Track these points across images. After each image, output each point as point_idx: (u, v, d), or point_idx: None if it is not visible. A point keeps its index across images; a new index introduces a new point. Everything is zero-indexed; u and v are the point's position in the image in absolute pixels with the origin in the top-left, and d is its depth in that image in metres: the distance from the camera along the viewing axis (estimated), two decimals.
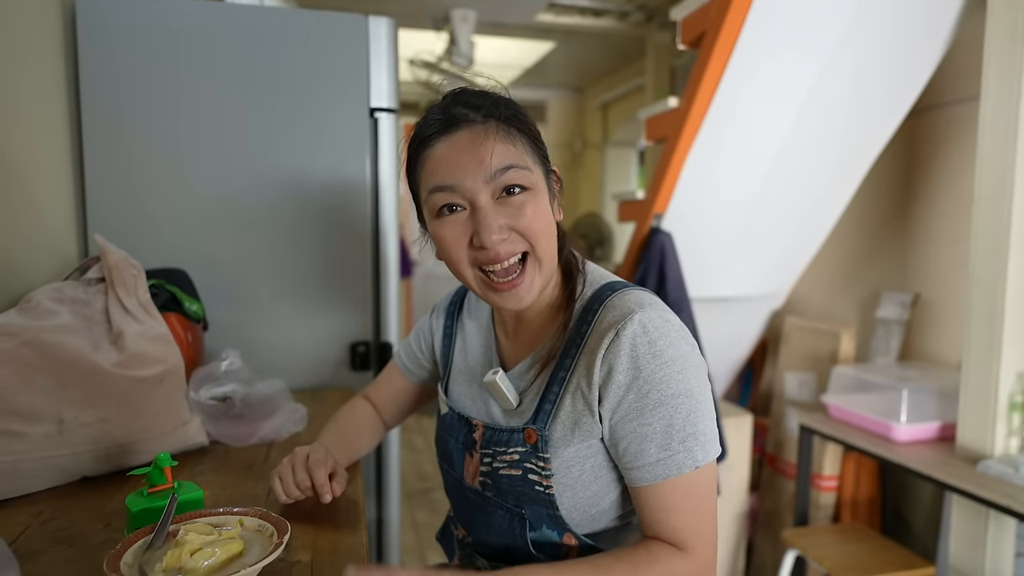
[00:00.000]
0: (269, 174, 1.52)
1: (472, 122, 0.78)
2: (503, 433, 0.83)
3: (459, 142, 0.77)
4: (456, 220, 0.78)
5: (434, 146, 0.79)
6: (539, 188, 0.79)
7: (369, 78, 1.54)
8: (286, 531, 0.71)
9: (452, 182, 0.76)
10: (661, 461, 0.73)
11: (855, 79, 1.91)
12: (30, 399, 0.93)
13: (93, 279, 1.14)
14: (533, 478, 0.80)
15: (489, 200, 0.76)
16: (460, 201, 0.77)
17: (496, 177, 0.76)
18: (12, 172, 1.17)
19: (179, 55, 1.45)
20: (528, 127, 0.81)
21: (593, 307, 0.80)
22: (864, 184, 2.26)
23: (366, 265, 1.60)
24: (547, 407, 0.80)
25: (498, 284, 0.78)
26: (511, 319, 0.89)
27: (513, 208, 0.77)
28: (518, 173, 0.77)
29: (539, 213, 0.78)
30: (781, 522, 2.38)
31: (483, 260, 0.78)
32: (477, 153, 0.76)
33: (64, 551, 0.77)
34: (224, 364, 1.19)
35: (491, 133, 0.77)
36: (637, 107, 4.35)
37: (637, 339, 0.74)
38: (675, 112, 2.02)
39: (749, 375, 2.81)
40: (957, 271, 2.01)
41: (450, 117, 0.78)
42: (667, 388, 0.73)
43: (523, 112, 0.82)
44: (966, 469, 1.61)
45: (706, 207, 2.14)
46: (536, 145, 0.82)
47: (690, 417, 0.74)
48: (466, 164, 0.76)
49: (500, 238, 0.76)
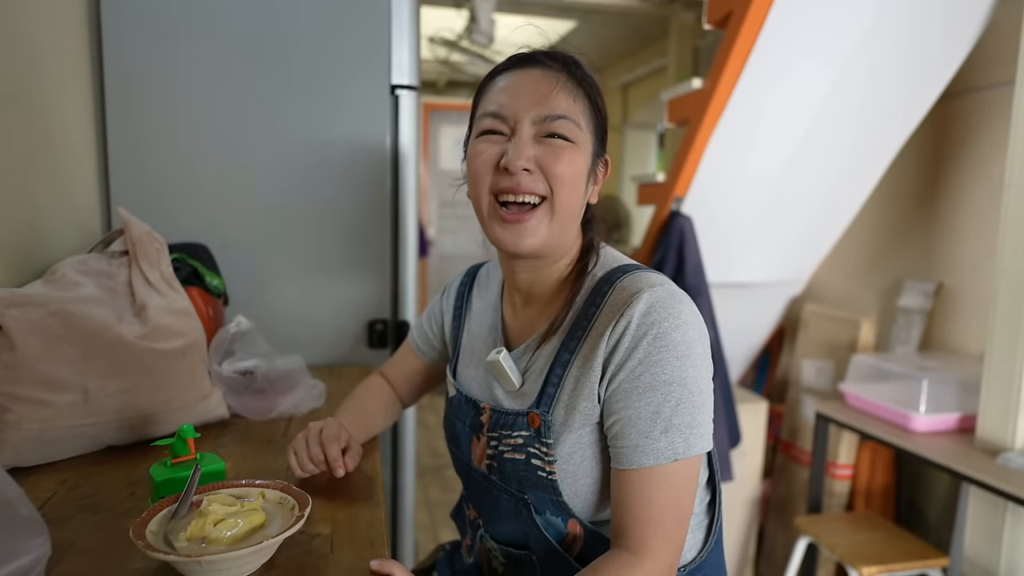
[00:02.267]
0: (290, 150, 1.52)
1: (546, 66, 0.80)
2: (508, 416, 0.82)
3: (527, 77, 0.79)
4: (493, 140, 0.79)
5: (503, 75, 0.81)
6: (582, 147, 0.79)
7: (391, 54, 1.53)
8: (307, 504, 0.72)
9: (505, 111, 0.78)
10: (639, 447, 0.71)
11: (885, 62, 1.87)
12: (56, 368, 0.94)
13: (117, 252, 1.15)
14: (536, 463, 0.79)
15: (531, 133, 0.77)
16: (505, 129, 0.78)
17: (546, 121, 0.77)
18: (38, 145, 1.17)
19: (200, 29, 1.44)
20: (596, 97, 0.82)
21: (603, 289, 0.78)
22: (890, 170, 2.22)
23: (385, 243, 1.60)
24: (551, 390, 0.78)
25: (506, 215, 0.78)
26: (522, 290, 0.87)
27: (549, 149, 0.77)
28: (567, 125, 0.77)
29: (573, 165, 0.77)
30: (794, 509, 2.38)
31: (503, 187, 0.77)
32: (539, 89, 0.77)
33: (90, 518, 0.79)
34: (233, 327, 1.20)
35: (560, 80, 0.78)
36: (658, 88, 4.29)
37: (643, 319, 0.72)
38: (699, 94, 1.99)
39: (765, 361, 2.80)
40: (983, 261, 1.98)
41: (527, 56, 0.81)
42: (661, 373, 0.71)
43: (596, 85, 0.83)
44: (985, 461, 1.60)
45: (727, 191, 2.12)
46: (597, 117, 0.82)
47: (679, 407, 0.71)
48: (524, 96, 0.77)
49: (525, 167, 0.76)
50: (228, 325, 1.21)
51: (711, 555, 0.84)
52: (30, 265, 1.13)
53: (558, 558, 0.80)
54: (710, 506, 0.86)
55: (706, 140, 1.96)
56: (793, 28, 1.77)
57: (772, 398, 2.67)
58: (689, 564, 0.82)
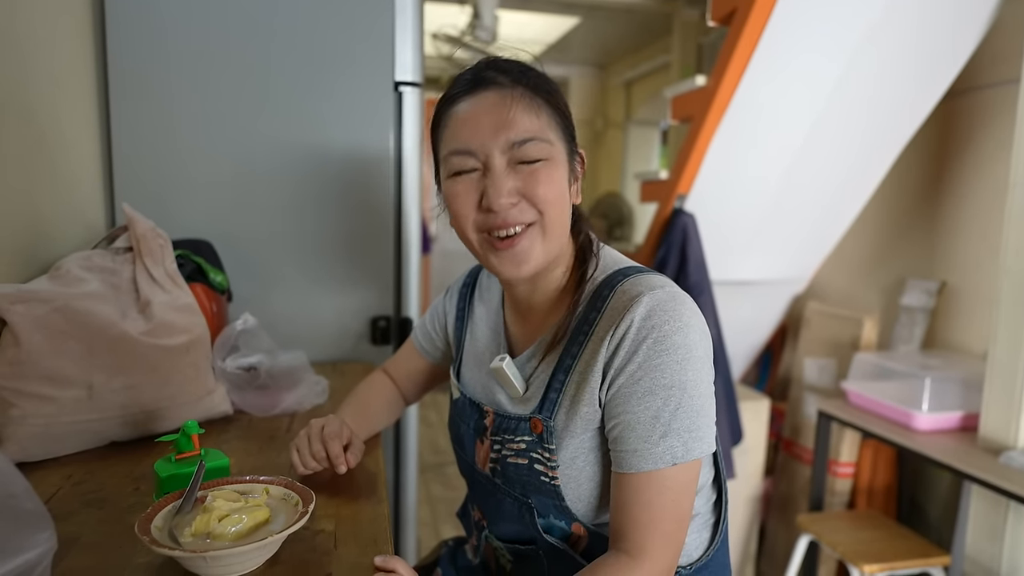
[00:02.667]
0: (293, 147, 1.52)
1: (500, 85, 0.77)
2: (511, 421, 0.82)
3: (483, 103, 0.76)
4: (468, 179, 0.77)
5: (458, 105, 0.78)
6: (557, 160, 0.77)
7: (394, 51, 1.53)
8: (311, 500, 0.72)
9: (470, 146, 0.76)
10: (638, 452, 0.71)
11: (889, 61, 1.86)
12: (61, 364, 0.95)
13: (121, 248, 1.15)
14: (539, 468, 0.78)
15: (503, 164, 0.75)
16: (475, 164, 0.76)
17: (514, 148, 0.75)
18: (42, 142, 1.18)
19: (203, 27, 1.44)
20: (556, 100, 0.79)
21: (603, 293, 0.77)
22: (894, 168, 2.22)
23: (388, 240, 1.60)
24: (553, 396, 0.78)
25: (498, 243, 0.77)
26: (522, 301, 0.86)
27: (526, 175, 0.75)
28: (537, 146, 0.75)
29: (553, 183, 0.76)
30: (795, 507, 2.38)
31: (491, 224, 0.76)
32: (499, 116, 0.75)
33: (95, 512, 0.79)
34: (239, 324, 1.20)
35: (516, 99, 0.75)
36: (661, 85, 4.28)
37: (643, 322, 0.71)
38: (702, 91, 1.98)
39: (767, 360, 2.80)
40: (987, 259, 1.97)
41: (478, 78, 0.78)
42: (661, 377, 0.71)
43: (553, 84, 0.80)
44: (988, 460, 1.59)
45: (731, 189, 2.11)
46: (563, 119, 0.80)
47: (678, 412, 0.71)
48: (486, 127, 0.75)
49: (509, 202, 0.75)
50: (235, 322, 1.21)
51: (717, 554, 0.84)
52: (35, 261, 1.13)
53: (564, 554, 0.81)
54: (716, 505, 0.86)
55: (709, 137, 1.96)
56: (799, 23, 1.77)
57: (774, 396, 2.67)
58: (695, 562, 0.82)
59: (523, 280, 0.80)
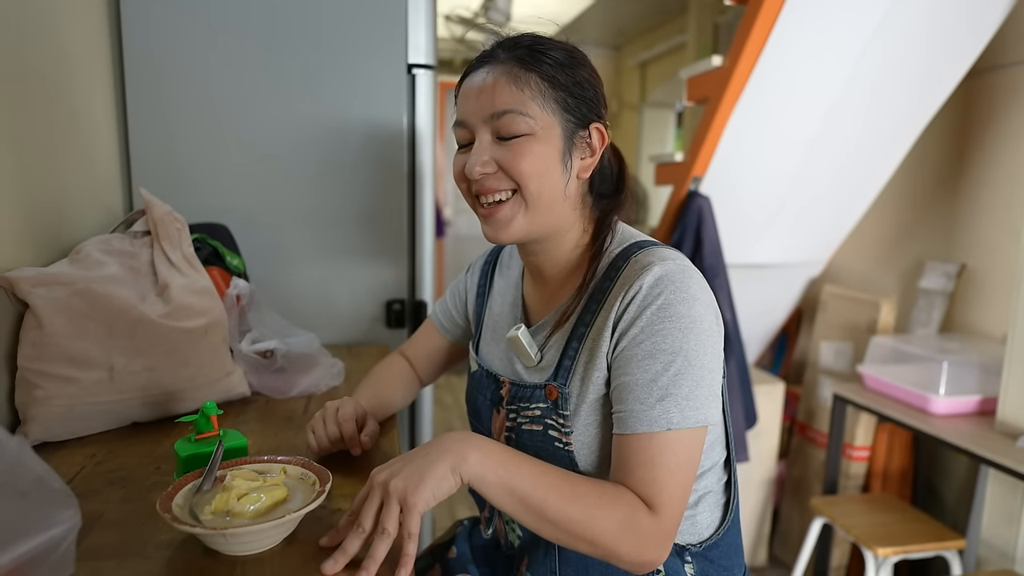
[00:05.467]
0: (308, 130, 1.53)
1: (494, 60, 0.81)
2: (527, 389, 0.84)
3: (477, 78, 0.81)
4: (464, 151, 0.83)
5: (465, 80, 0.84)
6: (542, 134, 0.78)
7: (407, 34, 1.52)
8: (328, 480, 0.73)
9: (461, 118, 0.82)
10: (635, 413, 0.72)
11: (910, 40, 1.82)
12: (83, 347, 0.96)
13: (139, 232, 1.17)
14: (553, 434, 0.81)
15: (488, 137, 0.80)
16: (468, 137, 0.82)
17: (494, 119, 0.78)
18: (62, 127, 1.19)
19: (218, 10, 1.45)
20: (554, 73, 0.78)
21: (618, 264, 0.80)
22: (913, 149, 2.18)
23: (402, 223, 1.60)
24: (567, 363, 0.80)
25: (483, 211, 0.82)
26: (534, 270, 0.90)
27: (507, 149, 0.79)
28: (514, 119, 0.77)
29: (533, 157, 0.78)
30: (809, 490, 2.38)
31: (475, 191, 0.82)
32: (482, 91, 0.79)
33: (118, 491, 0.81)
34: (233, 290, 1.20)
35: (501, 74, 0.79)
36: (677, 66, 4.23)
37: (650, 290, 0.74)
38: (719, 71, 1.96)
39: (782, 343, 2.78)
40: (1008, 241, 1.94)
41: (482, 55, 0.83)
42: (662, 343, 0.72)
43: (553, 57, 0.79)
44: (1005, 444, 1.58)
45: (747, 171, 2.09)
46: (561, 93, 0.79)
47: (677, 378, 0.72)
48: (473, 100, 0.80)
49: (483, 172, 0.79)
50: (228, 292, 1.21)
51: (727, 533, 0.85)
52: (55, 244, 1.15)
53: None
54: (727, 486, 0.87)
55: (726, 119, 1.93)
56: (815, 4, 1.73)
57: (789, 379, 2.66)
58: (706, 541, 0.83)
59: (505, 243, 0.86)
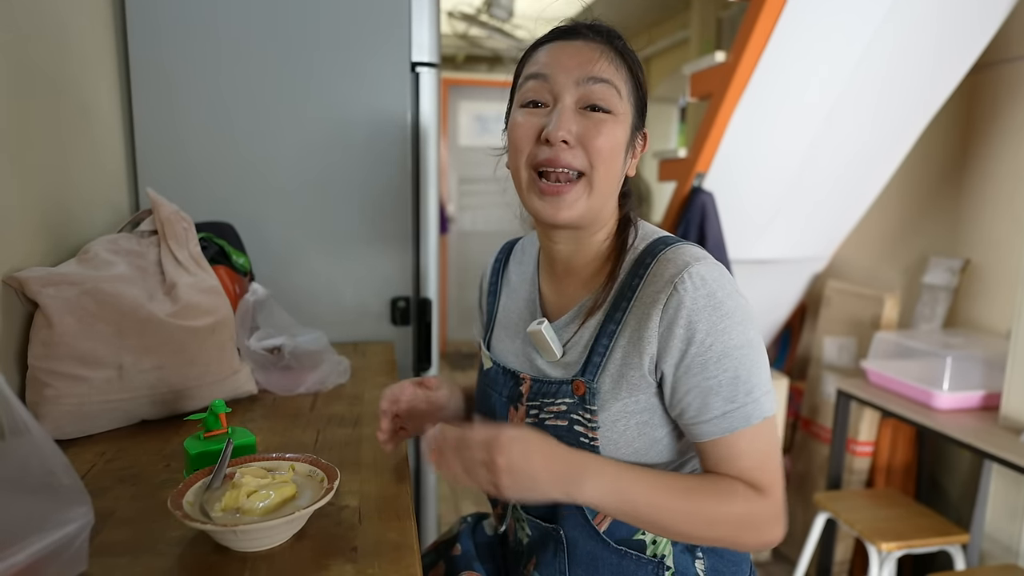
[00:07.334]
0: (312, 129, 1.53)
1: (589, 37, 0.80)
2: (551, 385, 0.83)
3: (569, 47, 0.80)
4: (535, 112, 0.79)
5: (545, 47, 0.82)
6: (622, 119, 0.80)
7: (411, 32, 1.53)
8: (336, 477, 0.74)
9: (548, 72, 0.79)
10: (728, 414, 0.74)
11: (914, 34, 1.82)
12: (92, 346, 0.97)
13: (146, 231, 1.18)
14: (579, 429, 0.80)
15: (572, 102, 0.78)
16: (547, 97, 0.79)
17: (588, 83, 0.77)
18: (70, 127, 1.20)
19: (222, 9, 1.45)
20: (637, 72, 0.82)
21: (646, 260, 0.80)
22: (917, 144, 2.18)
23: (406, 220, 1.61)
24: (596, 359, 0.80)
25: (545, 187, 0.79)
26: (560, 262, 0.88)
27: (589, 122, 0.77)
28: (609, 91, 0.78)
29: (612, 137, 0.78)
30: (813, 485, 2.38)
31: (541, 159, 0.78)
32: (582, 56, 0.78)
33: (128, 488, 0.82)
34: (250, 296, 1.22)
35: (603, 50, 0.79)
36: (680, 62, 4.22)
37: (697, 292, 0.74)
38: (722, 67, 1.96)
39: (786, 338, 2.78)
40: (1012, 236, 1.94)
41: (570, 28, 0.82)
42: (729, 339, 0.74)
43: (635, 57, 0.83)
44: (1009, 439, 1.58)
45: (750, 167, 2.09)
46: (637, 91, 0.82)
47: (754, 368, 0.74)
48: (567, 62, 0.78)
49: (565, 138, 0.77)
50: (246, 296, 1.23)
51: None
52: (63, 244, 1.15)
53: (586, 534, 0.82)
54: None
55: (729, 115, 1.93)
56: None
57: (792, 375, 2.67)
58: None
59: (561, 225, 0.82)
